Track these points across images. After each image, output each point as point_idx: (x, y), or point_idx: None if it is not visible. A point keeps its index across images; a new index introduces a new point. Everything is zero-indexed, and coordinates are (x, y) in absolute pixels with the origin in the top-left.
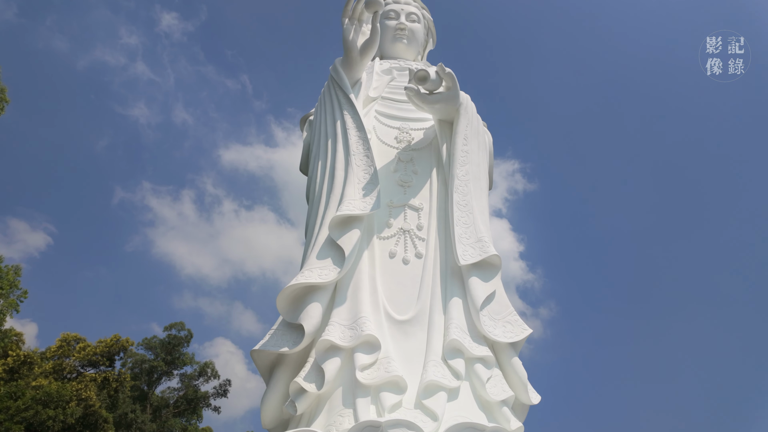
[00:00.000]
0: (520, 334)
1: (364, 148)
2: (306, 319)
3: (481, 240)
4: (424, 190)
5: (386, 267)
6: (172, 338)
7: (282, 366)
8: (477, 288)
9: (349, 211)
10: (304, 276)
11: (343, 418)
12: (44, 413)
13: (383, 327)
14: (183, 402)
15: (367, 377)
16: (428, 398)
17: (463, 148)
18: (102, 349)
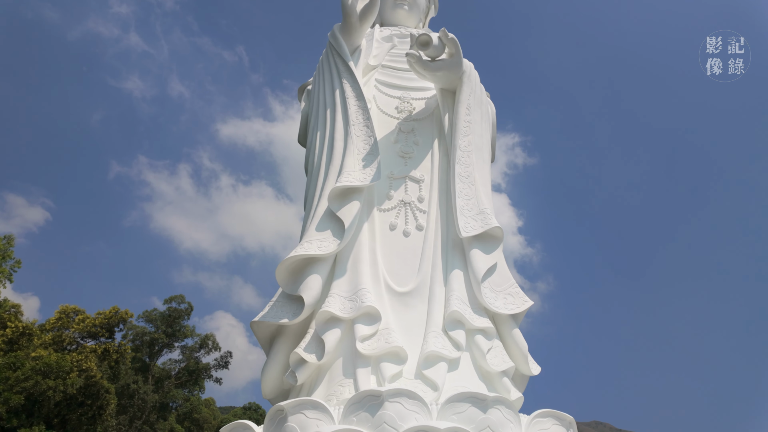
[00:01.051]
0: (521, 305)
1: (363, 117)
2: (306, 290)
3: (484, 212)
4: (426, 161)
5: (386, 239)
6: (172, 311)
7: (282, 337)
8: (478, 260)
9: (349, 182)
10: (303, 248)
11: (344, 388)
12: (44, 383)
13: (383, 299)
14: (185, 373)
15: (368, 348)
16: (429, 368)
17: (465, 118)
18: (101, 321)
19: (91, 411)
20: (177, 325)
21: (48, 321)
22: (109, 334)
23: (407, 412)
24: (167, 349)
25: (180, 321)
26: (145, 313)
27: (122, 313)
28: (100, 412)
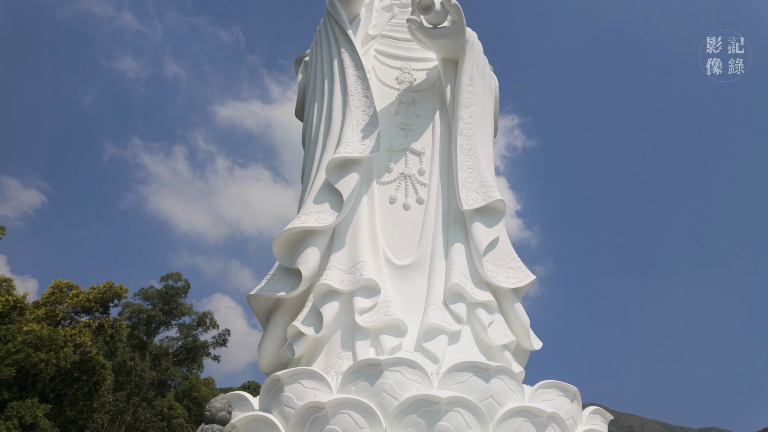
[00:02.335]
0: (523, 280)
1: (362, 87)
2: (303, 263)
3: (486, 185)
4: (427, 133)
5: (386, 212)
6: (169, 288)
7: (279, 311)
8: (480, 233)
9: (347, 153)
10: (300, 220)
11: (342, 361)
12: (36, 356)
13: (383, 272)
14: (182, 351)
15: (367, 320)
16: (429, 341)
17: (468, 89)
18: (95, 296)
19: (87, 386)
20: (174, 303)
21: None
22: (104, 309)
23: (407, 381)
24: (164, 327)
25: (177, 299)
26: (141, 290)
27: (117, 288)
28: (96, 387)
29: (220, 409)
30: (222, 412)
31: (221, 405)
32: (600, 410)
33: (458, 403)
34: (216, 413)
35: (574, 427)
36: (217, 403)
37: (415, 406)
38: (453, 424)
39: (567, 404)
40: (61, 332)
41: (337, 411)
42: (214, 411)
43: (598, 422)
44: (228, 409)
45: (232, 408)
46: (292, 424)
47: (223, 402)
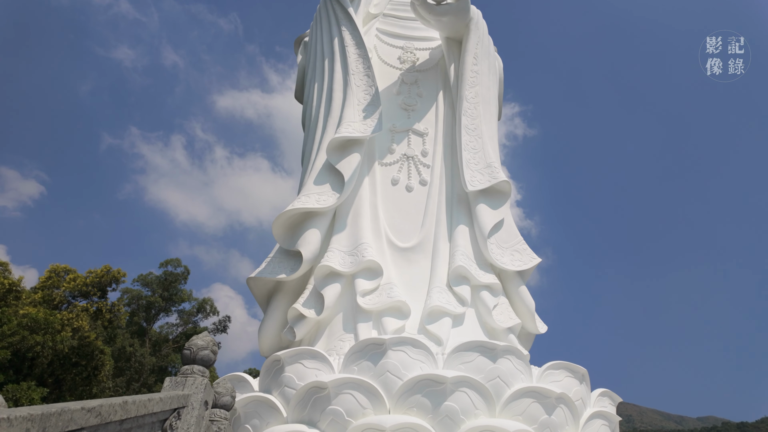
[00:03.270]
0: (528, 262)
1: (364, 66)
2: (304, 245)
3: (491, 165)
4: (430, 114)
5: (388, 194)
6: (168, 275)
7: (280, 293)
8: (485, 215)
9: (348, 133)
10: (301, 201)
11: (344, 343)
12: (31, 339)
13: (385, 254)
14: (183, 338)
15: (369, 302)
16: (432, 323)
17: (472, 68)
18: (92, 280)
19: (86, 371)
20: (173, 289)
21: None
22: (102, 294)
23: (412, 360)
24: (164, 313)
25: (176, 285)
26: (140, 276)
27: (114, 272)
28: (95, 372)
29: (202, 347)
30: (205, 351)
31: (204, 343)
32: (608, 392)
33: (465, 383)
34: (197, 351)
35: (583, 408)
36: (198, 340)
37: (420, 386)
38: (459, 405)
39: (576, 385)
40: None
41: (340, 391)
42: (195, 349)
43: (607, 405)
44: (212, 348)
45: (217, 348)
46: (293, 404)
47: (206, 340)
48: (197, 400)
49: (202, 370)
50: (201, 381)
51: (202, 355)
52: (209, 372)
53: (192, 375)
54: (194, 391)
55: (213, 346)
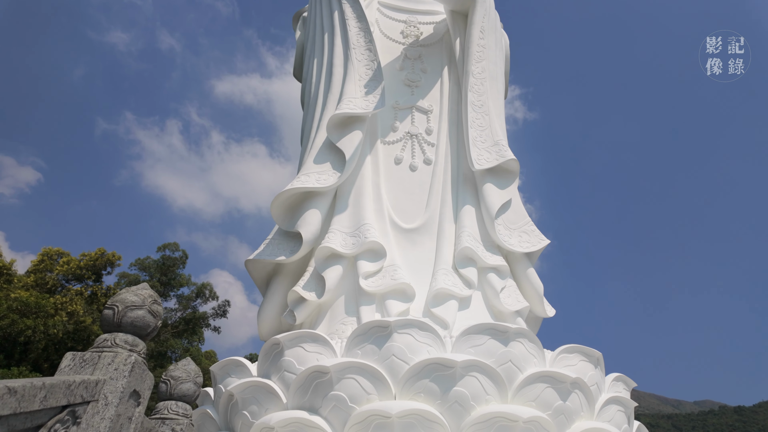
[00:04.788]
0: (537, 244)
1: (365, 40)
2: (304, 226)
3: (498, 143)
4: (434, 90)
5: (391, 173)
6: (166, 259)
7: (279, 276)
8: (492, 195)
9: (349, 109)
10: (300, 181)
11: (346, 327)
12: (21, 323)
13: (388, 235)
14: (182, 323)
15: (372, 285)
16: (438, 306)
17: (479, 42)
18: (86, 263)
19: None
20: (172, 274)
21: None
22: (97, 277)
23: (418, 344)
24: (162, 298)
25: (174, 269)
26: (137, 260)
27: (109, 255)
28: None
29: (133, 306)
30: (138, 311)
31: (137, 299)
32: (623, 377)
33: (475, 367)
34: (125, 312)
35: (598, 394)
36: (130, 295)
37: (427, 370)
38: (469, 390)
39: (591, 370)
40: (51, 300)
41: (342, 376)
42: (120, 309)
43: (621, 390)
44: (152, 307)
45: (160, 308)
46: (293, 390)
47: (142, 294)
48: (116, 389)
49: (132, 342)
50: (126, 358)
51: (133, 318)
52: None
53: (112, 349)
54: (111, 374)
55: (153, 304)
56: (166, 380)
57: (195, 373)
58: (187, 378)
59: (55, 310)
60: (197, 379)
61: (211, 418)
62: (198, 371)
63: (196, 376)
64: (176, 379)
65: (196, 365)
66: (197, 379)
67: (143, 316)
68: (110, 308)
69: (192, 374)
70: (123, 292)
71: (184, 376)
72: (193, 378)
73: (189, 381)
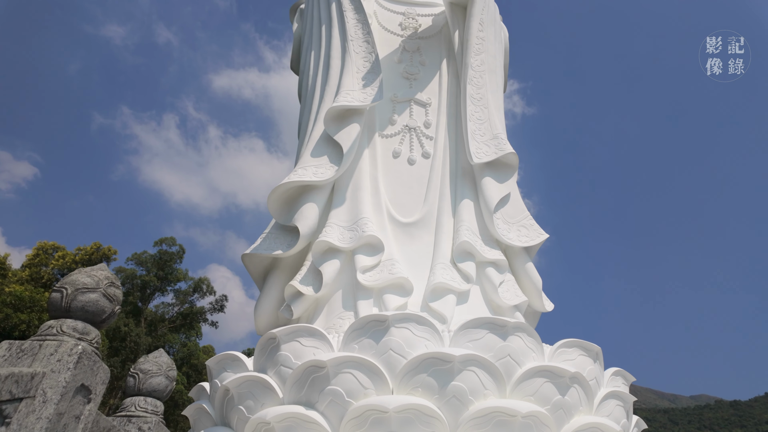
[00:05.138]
0: (535, 238)
1: (363, 32)
2: (301, 220)
3: (497, 137)
4: (433, 83)
5: (389, 167)
6: (163, 253)
7: (276, 270)
8: (491, 189)
9: (347, 102)
10: (297, 174)
11: (344, 321)
12: (15, 317)
13: (386, 229)
14: (179, 317)
15: (370, 279)
16: (436, 301)
17: (478, 34)
18: (82, 258)
19: None
20: (169, 269)
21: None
22: None
23: (416, 338)
24: (159, 293)
25: (172, 264)
26: (134, 255)
27: (105, 249)
28: None
29: (84, 288)
30: (91, 294)
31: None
32: (622, 372)
33: (473, 361)
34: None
35: (597, 388)
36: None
37: (425, 365)
38: (467, 385)
39: (590, 364)
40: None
41: (339, 370)
42: (70, 292)
43: (620, 384)
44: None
45: (117, 292)
46: (290, 384)
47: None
48: (58, 384)
49: (83, 330)
50: (71, 348)
51: (85, 302)
52: None
53: (56, 337)
54: (53, 367)
55: (109, 287)
56: (135, 374)
57: (167, 365)
58: (157, 371)
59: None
60: (169, 372)
61: (206, 412)
62: (170, 364)
63: (168, 369)
64: (145, 373)
65: (168, 357)
66: (169, 372)
67: (96, 300)
68: (58, 291)
69: (164, 367)
70: (75, 273)
71: (155, 369)
72: (164, 371)
73: (160, 374)
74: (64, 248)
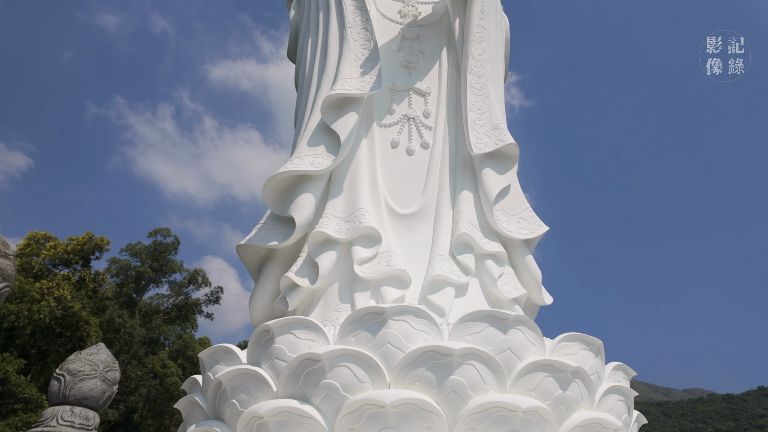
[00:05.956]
0: (535, 230)
1: (361, 19)
2: (297, 210)
3: (498, 127)
4: (432, 72)
5: (388, 157)
6: (157, 244)
7: (272, 262)
8: (491, 180)
9: (345, 90)
10: (293, 164)
11: (340, 314)
12: (4, 308)
13: (384, 220)
14: (174, 309)
15: (367, 271)
16: (434, 293)
17: (479, 22)
18: (74, 248)
19: (71, 342)
20: (163, 260)
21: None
22: (85, 262)
23: (414, 331)
24: (154, 285)
25: (166, 255)
26: (128, 246)
27: (97, 240)
28: (80, 344)
29: None
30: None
31: None
32: (623, 366)
33: (472, 355)
34: None
35: (598, 383)
36: None
37: (423, 358)
38: (466, 379)
39: (591, 359)
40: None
41: (335, 364)
42: None
43: (621, 378)
44: None
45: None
46: (284, 378)
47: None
48: None
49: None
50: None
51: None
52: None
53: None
54: None
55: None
56: (60, 376)
57: (105, 365)
58: (92, 372)
59: (41, 295)
60: (109, 373)
61: (199, 406)
62: (110, 362)
63: (107, 369)
64: (74, 375)
65: (110, 354)
66: (109, 373)
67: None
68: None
69: (100, 367)
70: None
71: (87, 369)
72: (101, 372)
73: (95, 377)
74: (56, 238)
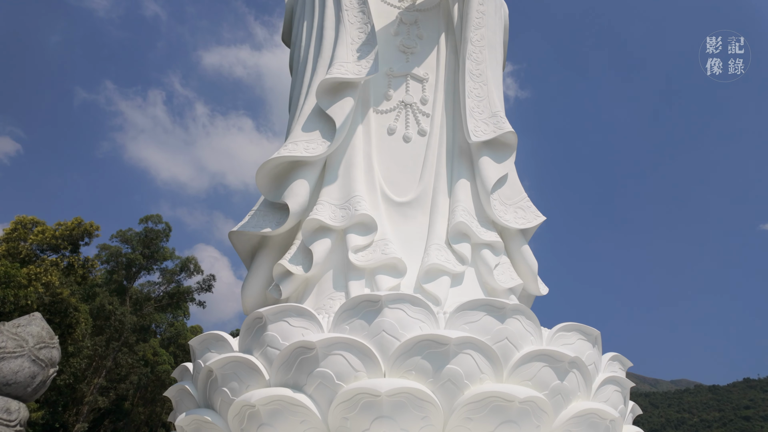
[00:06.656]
0: (532, 220)
1: (359, 2)
2: (291, 197)
3: (496, 115)
4: (430, 58)
5: (384, 144)
6: (149, 231)
7: (265, 249)
8: (488, 169)
9: (341, 74)
10: (287, 149)
11: (334, 302)
12: None
13: (380, 208)
14: (166, 297)
15: (362, 259)
16: (430, 282)
17: (479, 8)
18: (62, 233)
19: (59, 329)
20: (155, 247)
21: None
22: (74, 248)
23: (410, 320)
24: (145, 272)
25: (158, 242)
26: (119, 232)
27: (86, 225)
28: (69, 330)
29: None
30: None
31: None
32: (619, 356)
33: (469, 344)
34: None
35: (595, 373)
36: None
37: (419, 347)
38: (463, 368)
39: (589, 349)
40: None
41: (329, 352)
42: None
43: (617, 369)
44: None
45: None
46: (277, 366)
47: None
48: None
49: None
50: None
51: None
52: None
53: None
54: None
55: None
56: None
57: (38, 340)
58: (17, 350)
59: (28, 281)
60: (42, 351)
61: (189, 394)
62: (45, 338)
63: (40, 345)
64: None
65: (46, 327)
66: (42, 351)
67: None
68: None
69: (30, 342)
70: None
71: (12, 345)
72: (30, 349)
73: (21, 355)
74: (44, 223)
